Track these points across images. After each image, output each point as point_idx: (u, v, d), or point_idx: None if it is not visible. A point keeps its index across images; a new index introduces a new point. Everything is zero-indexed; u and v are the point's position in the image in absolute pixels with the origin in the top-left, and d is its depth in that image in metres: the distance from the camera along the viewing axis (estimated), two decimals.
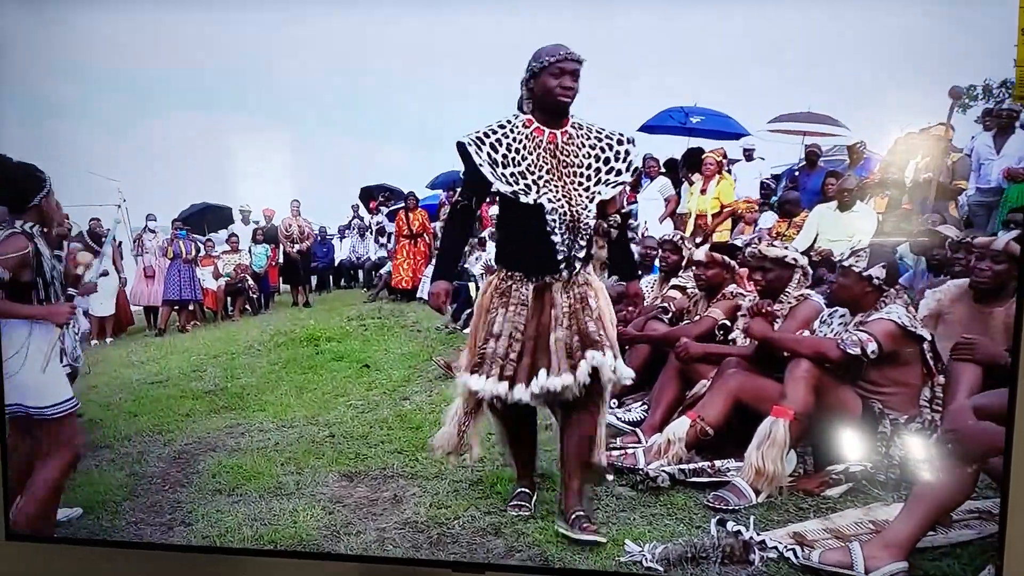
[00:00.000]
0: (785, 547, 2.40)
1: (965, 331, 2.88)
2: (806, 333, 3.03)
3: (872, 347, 2.69)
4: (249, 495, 3.05)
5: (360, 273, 5.36)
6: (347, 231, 5.30)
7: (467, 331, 4.37)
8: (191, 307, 4.84)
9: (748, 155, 4.64)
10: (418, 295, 4.92)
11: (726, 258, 3.45)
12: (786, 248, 3.20)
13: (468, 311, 4.46)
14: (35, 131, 3.15)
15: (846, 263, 2.88)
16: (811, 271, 3.30)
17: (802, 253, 3.43)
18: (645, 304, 3.55)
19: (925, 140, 3.92)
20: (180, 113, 3.59)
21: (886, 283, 2.84)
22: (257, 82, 3.50)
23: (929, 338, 2.78)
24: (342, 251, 5.32)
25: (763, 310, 3.00)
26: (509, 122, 2.66)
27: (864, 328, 2.76)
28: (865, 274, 2.82)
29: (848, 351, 2.70)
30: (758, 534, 2.44)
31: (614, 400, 3.51)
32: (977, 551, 2.29)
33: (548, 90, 2.56)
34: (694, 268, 3.54)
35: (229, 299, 4.97)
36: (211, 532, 2.85)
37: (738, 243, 3.58)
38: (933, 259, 3.33)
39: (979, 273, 2.89)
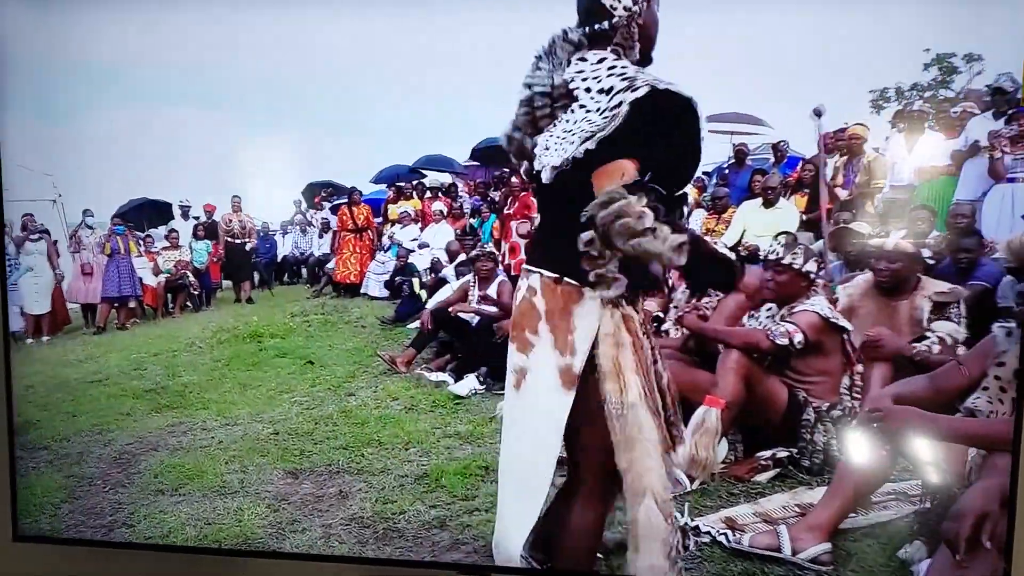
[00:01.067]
0: (718, 532, 2.43)
1: (875, 323, 2.97)
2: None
3: (799, 338, 2.74)
4: (192, 495, 2.95)
5: (303, 269, 5.24)
6: (290, 227, 5.17)
7: (412, 326, 4.34)
8: (131, 304, 4.65)
9: None
10: (362, 291, 4.84)
11: None
12: (715, 243, 3.23)
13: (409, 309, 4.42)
14: None
15: (785, 260, 2.91)
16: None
17: (731, 248, 3.48)
18: None
19: (841, 140, 4.04)
20: (118, 107, 3.43)
21: (817, 276, 2.90)
22: (198, 76, 3.37)
23: (850, 328, 2.85)
24: (285, 247, 5.19)
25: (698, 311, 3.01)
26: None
27: (790, 319, 2.81)
28: (804, 270, 2.87)
29: (777, 342, 2.74)
30: (692, 520, 2.47)
31: None
32: (895, 531, 2.36)
33: (655, 30, 1.86)
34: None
35: (170, 296, 4.80)
36: (154, 533, 2.74)
37: None
38: (849, 255, 3.41)
39: (879, 273, 2.99)
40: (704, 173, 4.73)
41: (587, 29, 1.77)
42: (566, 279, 1.76)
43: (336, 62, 3.30)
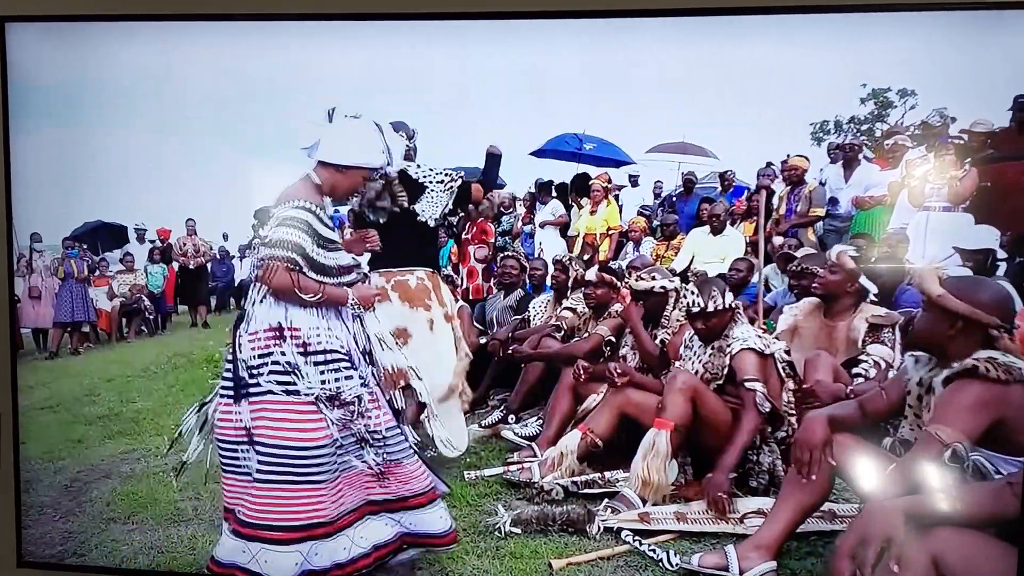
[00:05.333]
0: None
1: (815, 343, 3.04)
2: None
3: (766, 405, 2.72)
4: (145, 523, 2.88)
5: None
6: (248, 251, 5.09)
7: None
8: (84, 328, 4.52)
9: (633, 181, 4.77)
10: None
11: (614, 279, 3.51)
12: (653, 279, 3.24)
13: None
14: None
15: (695, 308, 2.90)
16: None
17: (680, 273, 3.53)
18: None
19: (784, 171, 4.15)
20: (73, 127, 3.35)
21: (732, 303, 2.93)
22: (152, 100, 3.32)
23: (774, 351, 2.87)
24: (243, 271, 5.10)
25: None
26: None
27: (750, 381, 2.73)
28: (721, 308, 2.88)
29: (764, 410, 2.71)
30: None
31: (511, 416, 3.53)
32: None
33: None
34: (584, 287, 3.58)
35: (124, 320, 4.68)
36: (105, 562, 2.67)
37: (614, 267, 3.64)
38: (791, 281, 3.48)
39: (815, 279, 3.08)
40: (658, 197, 4.82)
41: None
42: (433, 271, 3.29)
43: (297, 86, 3.28)
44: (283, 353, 2.14)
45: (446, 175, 3.21)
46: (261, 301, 2.18)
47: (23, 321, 4.37)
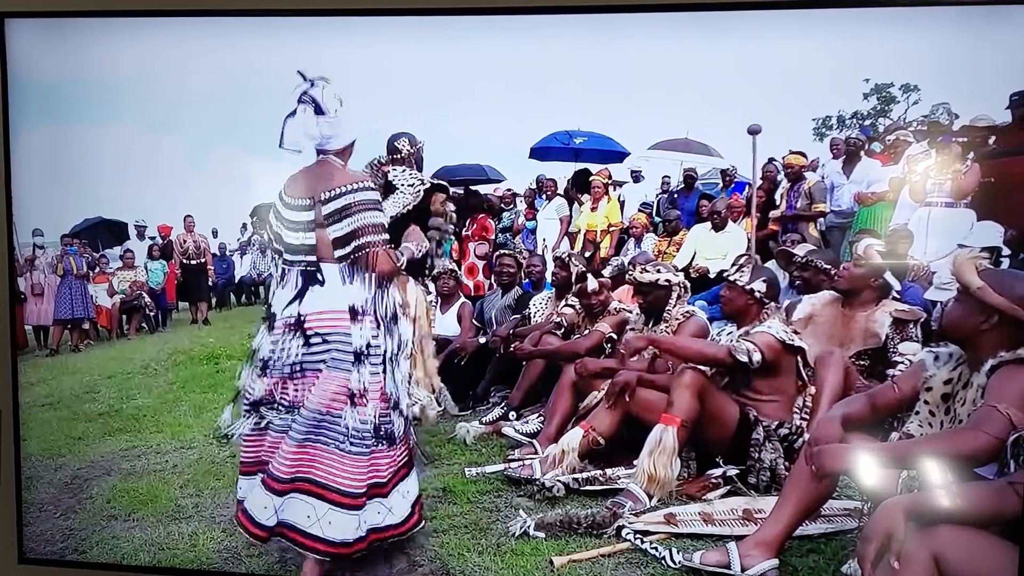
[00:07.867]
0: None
1: (830, 331, 3.03)
2: None
3: (757, 357, 2.74)
4: (146, 520, 2.87)
5: (261, 290, 5.15)
6: (248, 247, 5.08)
7: None
8: (84, 325, 4.51)
9: (636, 177, 4.75)
10: None
11: (610, 282, 3.51)
12: (658, 272, 3.23)
13: None
14: None
15: (732, 277, 2.94)
16: (688, 286, 3.33)
17: (681, 269, 3.51)
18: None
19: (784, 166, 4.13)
20: (73, 123, 3.34)
21: (767, 297, 2.92)
22: (150, 96, 3.31)
23: (806, 347, 2.86)
24: (242, 267, 5.09)
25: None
26: None
27: (749, 338, 2.81)
28: (748, 288, 2.90)
29: (739, 358, 2.74)
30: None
31: (512, 413, 3.53)
32: (839, 547, 2.40)
33: (422, 161, 3.22)
34: (588, 297, 3.54)
35: (124, 317, 4.67)
36: (106, 559, 2.67)
37: (616, 262, 3.64)
38: (792, 276, 3.47)
39: (840, 271, 3.11)
40: (664, 192, 4.80)
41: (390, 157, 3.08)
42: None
43: (296, 82, 3.27)
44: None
45: (417, 180, 3.01)
46: (322, 285, 2.30)
47: (25, 318, 4.37)
